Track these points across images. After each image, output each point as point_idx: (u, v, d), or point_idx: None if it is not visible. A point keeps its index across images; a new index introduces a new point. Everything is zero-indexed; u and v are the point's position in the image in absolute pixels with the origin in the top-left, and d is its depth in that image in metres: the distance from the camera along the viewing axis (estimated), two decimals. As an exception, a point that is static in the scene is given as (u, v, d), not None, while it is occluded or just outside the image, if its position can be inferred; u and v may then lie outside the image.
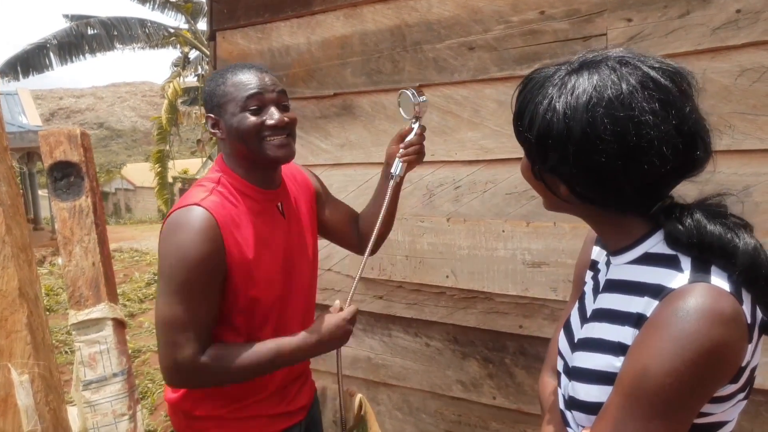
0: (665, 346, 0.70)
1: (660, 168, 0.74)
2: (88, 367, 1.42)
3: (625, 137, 0.73)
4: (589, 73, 0.77)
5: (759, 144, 1.45)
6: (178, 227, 1.27)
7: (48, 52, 13.51)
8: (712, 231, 0.74)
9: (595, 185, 0.78)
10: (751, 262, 0.72)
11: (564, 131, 0.76)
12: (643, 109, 0.73)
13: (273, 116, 1.34)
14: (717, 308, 0.70)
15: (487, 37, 1.81)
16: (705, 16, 1.49)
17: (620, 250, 0.85)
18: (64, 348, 5.43)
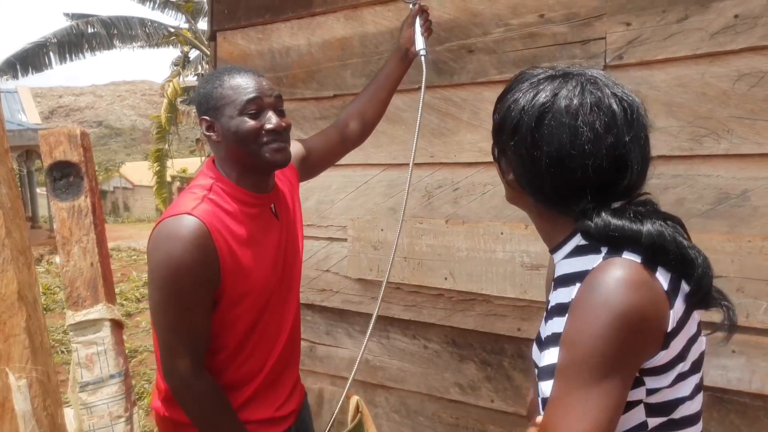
0: (586, 316, 0.78)
1: (583, 179, 0.83)
2: (85, 369, 1.42)
3: (561, 142, 0.83)
4: (559, 82, 0.87)
5: (757, 148, 1.45)
6: (169, 237, 1.26)
7: (48, 50, 13.50)
8: (616, 224, 0.82)
9: (530, 176, 0.89)
10: (654, 242, 0.80)
11: (516, 121, 0.88)
12: (585, 123, 0.82)
13: (271, 120, 1.33)
14: (626, 275, 0.78)
15: (486, 39, 1.82)
16: (703, 21, 1.49)
17: (556, 247, 0.93)
18: (61, 348, 5.43)
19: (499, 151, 0.95)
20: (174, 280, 1.24)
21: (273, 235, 1.43)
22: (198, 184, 1.37)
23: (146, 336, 6.00)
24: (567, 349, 0.80)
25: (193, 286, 1.25)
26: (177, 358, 1.27)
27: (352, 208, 2.17)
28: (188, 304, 1.26)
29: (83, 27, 13.69)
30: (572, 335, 0.79)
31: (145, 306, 7.11)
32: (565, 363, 0.80)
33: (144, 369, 5.06)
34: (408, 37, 1.67)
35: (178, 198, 1.36)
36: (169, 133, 17.23)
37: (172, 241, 1.24)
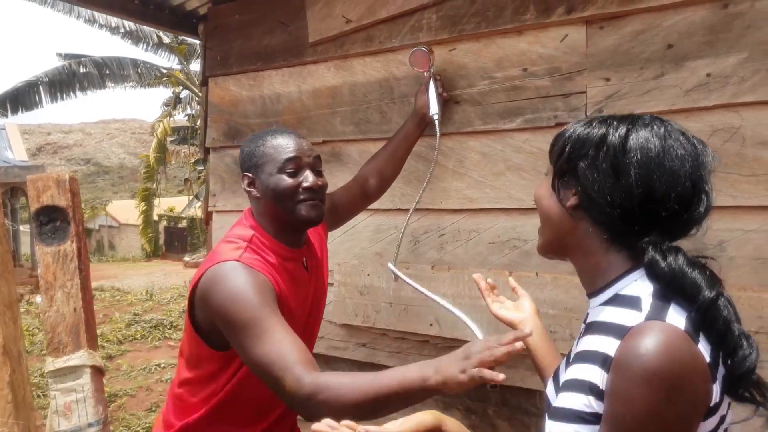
0: (637, 392, 0.75)
1: (664, 198, 0.83)
2: (63, 417, 1.39)
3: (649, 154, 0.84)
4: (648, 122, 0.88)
5: (731, 201, 1.50)
6: (220, 279, 1.27)
7: (38, 89, 13.58)
8: (686, 271, 0.81)
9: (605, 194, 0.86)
10: (707, 307, 0.79)
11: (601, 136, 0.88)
12: (672, 144, 0.85)
13: (308, 179, 1.40)
14: (671, 344, 0.76)
15: (471, 91, 1.87)
16: (678, 78, 1.55)
17: (595, 292, 0.91)
18: (38, 391, 5.29)
19: (564, 174, 0.93)
20: (245, 308, 1.22)
21: (304, 289, 1.47)
22: (238, 235, 1.41)
23: (127, 380, 5.87)
24: (617, 425, 0.77)
25: (266, 305, 1.23)
26: (285, 381, 1.16)
27: (338, 252, 2.18)
28: (266, 326, 1.21)
29: (75, 67, 13.83)
30: (622, 409, 0.77)
31: (127, 348, 6.98)
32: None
33: (123, 414, 4.93)
34: (424, 103, 1.84)
35: (218, 248, 1.38)
36: (158, 172, 17.25)
37: (227, 278, 1.26)
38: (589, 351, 0.85)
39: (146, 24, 2.79)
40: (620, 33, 1.63)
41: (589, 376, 0.83)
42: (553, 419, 0.87)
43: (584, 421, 0.82)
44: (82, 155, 68.56)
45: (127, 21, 11.63)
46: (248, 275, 1.27)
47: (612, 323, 0.84)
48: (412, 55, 1.86)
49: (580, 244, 0.93)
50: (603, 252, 0.90)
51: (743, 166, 1.48)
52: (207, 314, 1.31)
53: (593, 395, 0.82)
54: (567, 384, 0.87)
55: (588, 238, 0.91)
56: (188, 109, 17.08)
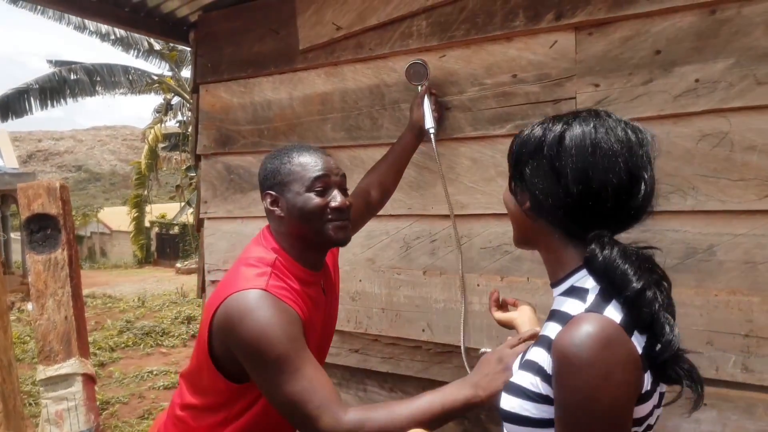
0: (569, 378, 0.81)
1: (602, 192, 0.88)
2: (55, 425, 1.38)
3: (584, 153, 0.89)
4: (569, 117, 0.95)
5: (720, 205, 1.51)
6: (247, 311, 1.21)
7: (29, 96, 13.51)
8: (617, 265, 0.86)
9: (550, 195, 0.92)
10: (633, 300, 0.84)
11: (538, 141, 0.94)
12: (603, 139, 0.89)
13: (336, 199, 1.35)
14: (603, 335, 0.81)
15: (462, 98, 1.88)
16: (667, 84, 1.57)
17: (556, 282, 0.98)
18: (29, 400, 5.24)
19: (516, 178, 1.00)
20: (275, 345, 1.18)
21: (320, 312, 1.42)
22: (259, 258, 1.34)
23: (119, 387, 5.83)
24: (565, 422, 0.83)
25: (294, 342, 1.20)
26: (319, 421, 1.15)
27: (330, 259, 2.18)
28: (302, 360, 1.19)
29: (66, 74, 13.77)
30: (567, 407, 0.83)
31: (119, 355, 6.94)
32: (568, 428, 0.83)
33: (116, 422, 4.90)
34: (420, 116, 1.84)
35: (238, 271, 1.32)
36: (149, 179, 17.20)
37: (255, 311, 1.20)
38: (543, 335, 0.94)
39: (137, 32, 2.79)
40: (609, 39, 1.64)
41: (538, 359, 0.91)
42: (505, 392, 0.95)
43: (528, 398, 0.90)
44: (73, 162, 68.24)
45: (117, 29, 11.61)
46: (276, 308, 1.22)
47: (563, 312, 0.91)
48: (409, 68, 1.86)
49: (541, 241, 1.00)
50: (563, 247, 0.96)
51: (732, 170, 1.49)
52: (228, 346, 1.25)
53: (539, 376, 0.89)
54: (523, 363, 0.96)
55: (547, 235, 0.98)
56: (179, 115, 17.05)
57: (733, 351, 1.50)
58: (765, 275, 1.47)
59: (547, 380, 0.88)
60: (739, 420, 1.50)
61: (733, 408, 1.51)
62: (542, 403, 0.88)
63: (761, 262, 1.47)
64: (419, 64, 1.85)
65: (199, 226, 2.59)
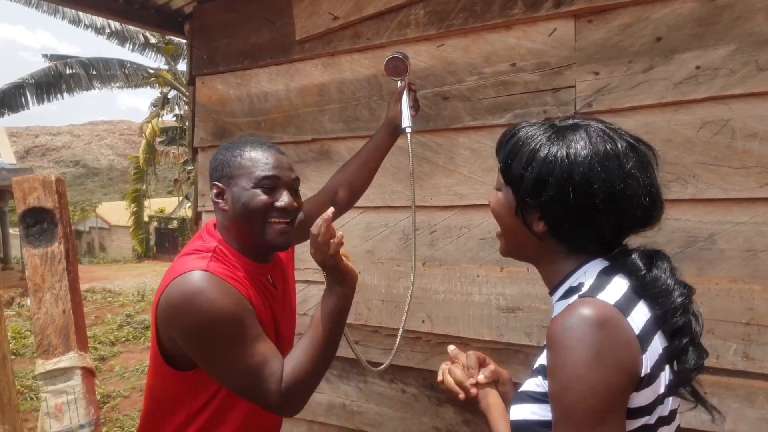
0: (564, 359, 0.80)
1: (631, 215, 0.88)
2: (54, 419, 1.37)
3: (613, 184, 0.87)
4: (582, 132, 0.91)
5: (721, 193, 1.50)
6: (188, 296, 1.19)
7: (24, 91, 13.44)
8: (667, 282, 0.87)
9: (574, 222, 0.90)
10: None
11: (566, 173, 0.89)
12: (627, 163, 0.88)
13: (283, 199, 1.31)
14: (596, 314, 0.80)
15: (460, 87, 1.87)
16: (667, 72, 1.55)
17: (554, 288, 0.97)
18: (30, 393, 5.25)
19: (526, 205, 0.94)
20: (216, 328, 1.17)
21: (271, 305, 1.38)
22: (200, 247, 1.31)
23: (120, 381, 5.84)
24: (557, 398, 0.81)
25: (238, 323, 1.19)
26: (266, 393, 1.18)
27: (329, 250, 2.17)
28: (244, 341, 1.19)
29: (62, 68, 13.69)
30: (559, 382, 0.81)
31: (120, 350, 6.95)
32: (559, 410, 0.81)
33: (117, 415, 4.91)
34: (396, 113, 1.70)
35: (182, 259, 1.29)
36: (147, 173, 17.16)
37: (196, 296, 1.18)
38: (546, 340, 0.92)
39: (131, 24, 2.76)
40: (609, 26, 1.63)
41: (542, 360, 0.90)
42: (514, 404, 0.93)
43: (535, 400, 0.88)
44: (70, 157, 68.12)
45: (112, 21, 11.54)
46: (219, 287, 1.19)
47: None
48: (387, 62, 1.70)
49: (541, 255, 0.98)
50: (564, 258, 0.95)
51: (733, 158, 1.48)
52: (171, 332, 1.23)
53: (542, 375, 0.88)
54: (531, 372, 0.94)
55: (550, 251, 0.96)
56: (176, 109, 16.98)
57: (734, 339, 1.49)
58: (766, 263, 1.46)
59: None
60: (740, 408, 1.50)
61: (733, 396, 1.50)
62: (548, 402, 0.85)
63: (762, 250, 1.47)
64: (398, 59, 1.69)
65: (197, 220, 2.58)
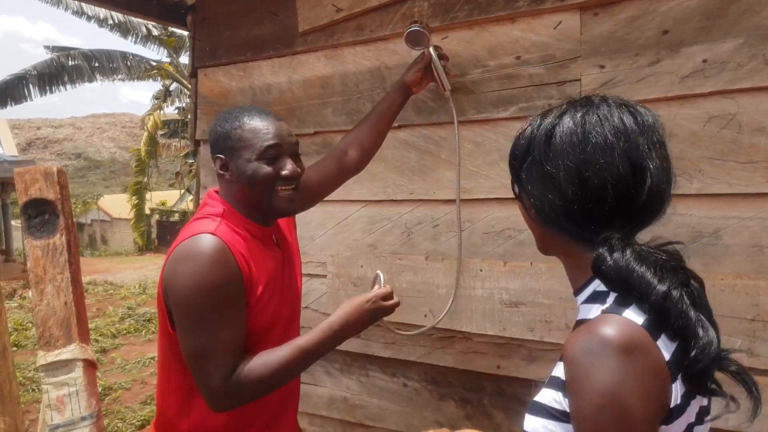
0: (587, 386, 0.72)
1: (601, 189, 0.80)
2: (56, 411, 1.37)
3: (573, 150, 0.81)
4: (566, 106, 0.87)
5: (727, 188, 1.49)
6: (189, 257, 1.24)
7: (27, 83, 13.44)
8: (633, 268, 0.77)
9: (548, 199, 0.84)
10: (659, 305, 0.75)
11: (528, 143, 0.87)
12: (592, 131, 0.81)
13: (287, 167, 1.35)
14: (622, 336, 0.72)
15: (464, 80, 1.85)
16: (674, 65, 1.54)
17: (578, 289, 0.90)
18: (31, 385, 5.26)
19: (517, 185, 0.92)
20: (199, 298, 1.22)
21: (278, 265, 1.44)
22: (209, 212, 1.37)
23: (121, 373, 5.85)
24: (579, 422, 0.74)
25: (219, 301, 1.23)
26: (211, 379, 1.24)
27: (331, 244, 2.17)
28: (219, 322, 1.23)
29: (64, 60, 13.68)
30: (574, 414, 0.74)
31: (121, 342, 6.96)
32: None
33: (118, 407, 4.92)
34: (416, 78, 1.75)
35: (192, 223, 1.35)
36: (149, 166, 17.17)
37: (195, 260, 1.23)
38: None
39: (134, 15, 2.75)
40: (615, 19, 1.61)
41: (559, 372, 0.82)
42: (528, 413, 0.86)
43: (551, 416, 0.80)
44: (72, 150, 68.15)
45: (115, 12, 11.51)
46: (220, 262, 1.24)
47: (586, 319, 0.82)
48: (407, 36, 1.74)
49: (556, 246, 0.92)
50: (579, 252, 0.87)
51: (740, 153, 1.47)
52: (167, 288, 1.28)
53: (561, 391, 0.80)
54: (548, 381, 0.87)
55: (559, 242, 0.90)
56: (178, 102, 16.96)
57: (739, 335, 1.48)
58: (772, 259, 1.45)
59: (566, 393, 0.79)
60: (745, 404, 1.49)
61: (739, 392, 1.49)
62: (566, 422, 0.78)
63: (768, 245, 1.46)
64: (417, 30, 1.72)
65: (199, 212, 2.57)
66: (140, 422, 4.58)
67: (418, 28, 1.72)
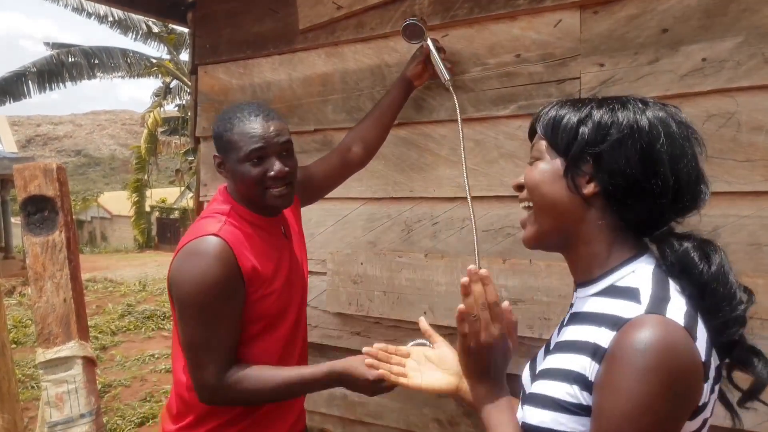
0: (632, 385, 0.74)
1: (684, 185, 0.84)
2: (55, 408, 1.37)
3: (677, 144, 0.84)
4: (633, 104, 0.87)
5: (726, 186, 1.49)
6: (193, 255, 1.32)
7: (26, 79, 13.42)
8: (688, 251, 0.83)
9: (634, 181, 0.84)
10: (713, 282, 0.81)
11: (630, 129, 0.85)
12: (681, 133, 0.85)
13: (274, 167, 1.39)
14: (670, 340, 0.74)
15: (464, 78, 1.85)
16: (673, 64, 1.54)
17: (589, 281, 0.89)
18: (31, 383, 5.27)
19: (577, 162, 0.88)
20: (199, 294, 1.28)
21: (285, 254, 1.50)
22: (216, 210, 1.44)
23: (121, 370, 5.86)
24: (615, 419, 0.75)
25: (218, 300, 1.30)
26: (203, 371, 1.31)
27: (331, 241, 2.17)
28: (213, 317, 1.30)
29: (64, 57, 13.66)
30: (621, 405, 0.75)
31: (121, 339, 6.97)
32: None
33: (117, 404, 4.93)
34: (417, 72, 1.80)
35: (199, 222, 1.42)
36: (149, 163, 17.16)
37: (198, 258, 1.30)
38: (578, 341, 0.84)
39: (134, 11, 2.75)
40: (614, 18, 1.61)
41: (575, 366, 0.82)
42: (529, 404, 0.87)
43: (565, 410, 0.81)
44: (72, 147, 68.10)
45: (115, 9, 11.49)
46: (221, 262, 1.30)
47: (606, 314, 0.82)
48: (404, 29, 1.78)
49: (584, 233, 0.89)
50: (608, 241, 0.87)
51: (738, 151, 1.47)
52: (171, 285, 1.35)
53: (578, 384, 0.81)
54: (547, 372, 0.87)
55: (596, 227, 0.88)
56: (178, 99, 16.95)
57: (737, 333, 1.48)
58: (770, 257, 1.45)
59: (589, 389, 0.80)
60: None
61: (735, 391, 1.50)
62: (581, 415, 0.80)
63: (766, 243, 1.46)
64: (413, 24, 1.77)
65: (199, 210, 2.57)
66: (140, 419, 4.59)
67: (414, 22, 1.76)
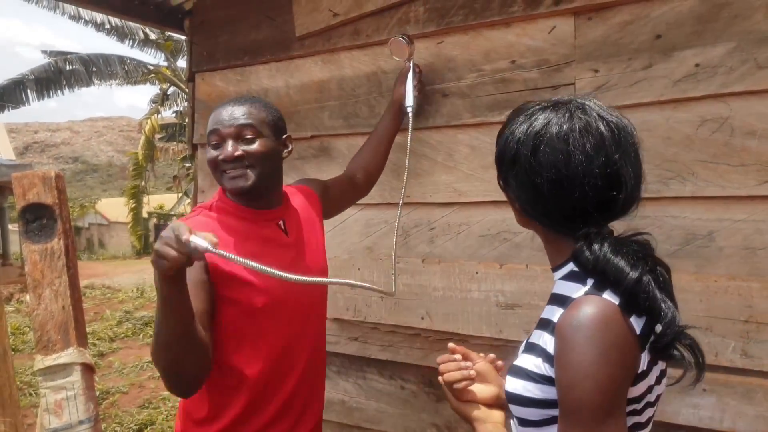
0: (572, 357, 0.84)
1: (582, 199, 0.90)
2: (54, 415, 1.38)
3: (557, 166, 0.90)
4: (550, 111, 0.95)
5: (720, 191, 1.50)
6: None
7: (24, 87, 13.42)
8: (608, 259, 0.89)
9: (533, 203, 0.96)
10: (631, 290, 0.87)
11: (514, 152, 0.96)
12: (575, 146, 0.90)
13: (224, 151, 1.40)
14: (603, 314, 0.85)
15: (460, 84, 1.87)
16: (667, 69, 1.55)
17: (556, 267, 1.01)
18: (29, 390, 5.26)
19: (503, 181, 1.04)
20: None
21: (279, 250, 1.45)
22: (200, 205, 1.49)
23: (119, 377, 5.85)
24: (566, 392, 0.85)
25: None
26: None
27: (329, 247, 2.16)
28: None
29: (61, 64, 13.67)
30: (568, 378, 0.85)
31: (119, 346, 6.96)
32: (569, 404, 0.85)
33: (116, 411, 4.92)
34: (400, 94, 1.82)
35: None
36: (146, 169, 17.17)
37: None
38: (544, 318, 0.97)
39: (131, 19, 2.76)
40: (608, 24, 1.63)
41: (540, 341, 0.94)
42: (510, 375, 0.98)
43: (532, 380, 0.93)
44: (70, 153, 68.07)
45: (112, 17, 11.51)
46: None
47: (562, 295, 0.94)
48: (391, 44, 1.82)
49: (538, 230, 1.04)
50: (558, 239, 0.99)
51: (732, 156, 1.48)
52: None
53: (542, 357, 0.93)
54: (527, 346, 1.00)
55: (541, 230, 1.03)
56: (176, 105, 16.95)
57: (733, 337, 1.49)
58: (764, 261, 1.46)
59: (549, 361, 0.91)
60: (738, 405, 1.50)
61: (732, 393, 1.51)
62: (546, 384, 0.91)
63: (761, 247, 1.47)
64: (401, 40, 1.80)
65: (196, 216, 2.58)
66: (138, 426, 4.58)
67: (400, 38, 1.80)
